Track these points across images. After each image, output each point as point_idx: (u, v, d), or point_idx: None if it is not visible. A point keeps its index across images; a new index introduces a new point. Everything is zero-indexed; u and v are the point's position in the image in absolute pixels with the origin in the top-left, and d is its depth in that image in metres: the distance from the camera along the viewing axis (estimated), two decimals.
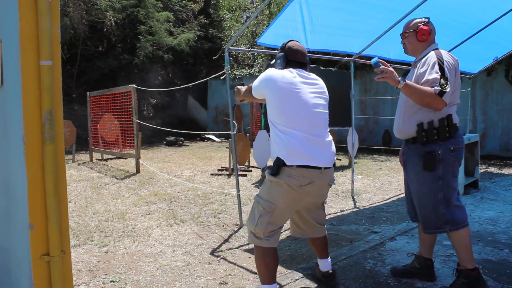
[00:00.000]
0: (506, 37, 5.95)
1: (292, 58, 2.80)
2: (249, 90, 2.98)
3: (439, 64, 2.66)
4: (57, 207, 1.63)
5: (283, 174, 2.55)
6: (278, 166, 2.56)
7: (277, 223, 2.64)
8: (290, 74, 2.68)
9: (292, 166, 2.53)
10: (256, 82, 2.81)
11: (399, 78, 2.64)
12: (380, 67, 2.60)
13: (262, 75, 2.74)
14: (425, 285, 2.98)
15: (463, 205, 2.84)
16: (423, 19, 2.93)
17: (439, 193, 2.76)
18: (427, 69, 2.70)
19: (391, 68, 2.64)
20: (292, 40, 2.92)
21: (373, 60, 2.62)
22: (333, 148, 2.76)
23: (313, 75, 2.83)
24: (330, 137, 2.76)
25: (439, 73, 2.63)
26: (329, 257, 3.01)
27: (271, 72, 2.71)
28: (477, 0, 4.82)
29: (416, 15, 4.94)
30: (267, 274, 2.61)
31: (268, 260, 2.61)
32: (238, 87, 3.20)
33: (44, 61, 1.60)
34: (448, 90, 2.60)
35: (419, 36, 2.88)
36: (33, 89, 1.60)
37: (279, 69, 2.75)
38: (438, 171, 2.74)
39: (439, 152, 2.72)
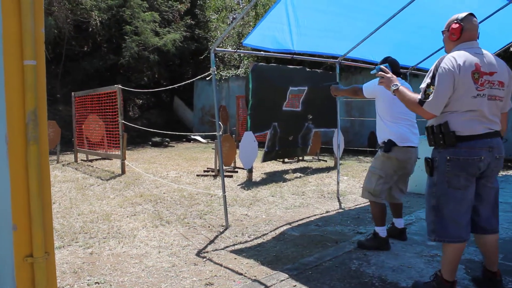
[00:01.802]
0: (487, 40, 6.03)
1: (395, 69, 3.63)
2: (353, 90, 4.02)
3: (434, 71, 2.59)
4: (40, 208, 1.61)
5: (394, 151, 3.63)
6: (390, 145, 3.61)
7: (387, 185, 3.78)
8: None
9: (400, 146, 3.61)
10: (369, 85, 3.81)
11: (393, 84, 2.82)
12: (377, 73, 2.98)
13: (374, 81, 3.60)
14: (409, 286, 3.01)
15: (463, 223, 2.66)
16: (459, 15, 2.73)
17: (432, 199, 2.74)
18: (427, 75, 2.67)
19: (388, 75, 2.91)
20: (389, 56, 3.84)
21: (376, 67, 3.07)
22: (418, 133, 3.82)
23: (406, 82, 3.78)
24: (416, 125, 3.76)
25: (430, 81, 2.58)
26: (402, 218, 4.13)
27: None
28: (460, 4, 4.89)
29: (401, 18, 5.01)
30: (379, 219, 3.79)
31: (380, 209, 3.77)
32: (333, 86, 4.21)
33: (28, 60, 1.58)
34: (430, 99, 2.55)
35: (450, 36, 2.74)
36: (17, 89, 1.58)
37: None
38: (433, 178, 2.73)
39: (436, 159, 2.70)
